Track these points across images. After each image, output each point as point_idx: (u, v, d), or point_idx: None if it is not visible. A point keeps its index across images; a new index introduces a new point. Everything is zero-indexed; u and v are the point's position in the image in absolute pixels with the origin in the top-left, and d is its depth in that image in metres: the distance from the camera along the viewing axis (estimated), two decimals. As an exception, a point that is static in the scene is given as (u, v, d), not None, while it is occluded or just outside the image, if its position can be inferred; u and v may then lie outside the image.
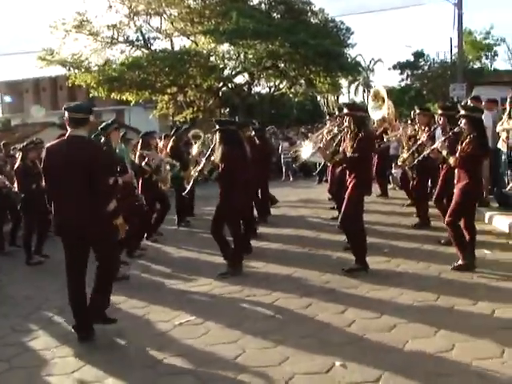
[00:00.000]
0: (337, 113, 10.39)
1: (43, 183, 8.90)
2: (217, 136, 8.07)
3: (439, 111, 9.28)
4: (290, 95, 37.49)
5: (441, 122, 8.99)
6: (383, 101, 10.33)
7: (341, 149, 7.97)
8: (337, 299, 6.39)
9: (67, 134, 5.66)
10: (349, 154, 7.43)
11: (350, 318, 5.78)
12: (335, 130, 9.16)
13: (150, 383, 4.73)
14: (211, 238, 8.04)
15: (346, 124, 7.83)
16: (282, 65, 32.65)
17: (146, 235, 10.07)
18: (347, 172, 7.66)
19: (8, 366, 5.28)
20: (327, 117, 12.91)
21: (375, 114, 10.76)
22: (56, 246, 9.57)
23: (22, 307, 7.14)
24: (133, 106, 35.79)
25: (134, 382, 4.77)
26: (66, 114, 5.63)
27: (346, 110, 7.79)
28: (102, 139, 7.99)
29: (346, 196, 7.46)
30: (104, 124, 8.10)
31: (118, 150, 8.45)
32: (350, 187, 7.41)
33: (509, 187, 11.06)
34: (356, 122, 7.46)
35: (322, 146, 8.26)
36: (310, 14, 35.36)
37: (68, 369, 5.07)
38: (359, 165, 7.39)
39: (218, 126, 8.02)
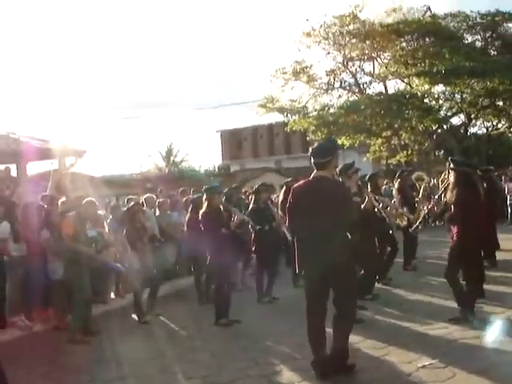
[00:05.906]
0: None
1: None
2: (451, 176, 7.91)
3: None
4: (509, 135, 35.50)
5: None
6: None
7: None
8: None
9: (312, 175, 6.00)
10: None
11: None
12: None
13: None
14: (440, 281, 7.83)
15: None
16: (501, 103, 31.21)
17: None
18: None
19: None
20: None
21: None
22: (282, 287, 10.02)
23: (260, 342, 7.40)
24: (346, 150, 36.36)
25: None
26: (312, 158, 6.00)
27: None
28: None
29: None
30: (344, 165, 8.34)
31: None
32: None
33: None
34: None
35: None
36: (529, 47, 33.49)
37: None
38: None
39: (453, 166, 7.86)
